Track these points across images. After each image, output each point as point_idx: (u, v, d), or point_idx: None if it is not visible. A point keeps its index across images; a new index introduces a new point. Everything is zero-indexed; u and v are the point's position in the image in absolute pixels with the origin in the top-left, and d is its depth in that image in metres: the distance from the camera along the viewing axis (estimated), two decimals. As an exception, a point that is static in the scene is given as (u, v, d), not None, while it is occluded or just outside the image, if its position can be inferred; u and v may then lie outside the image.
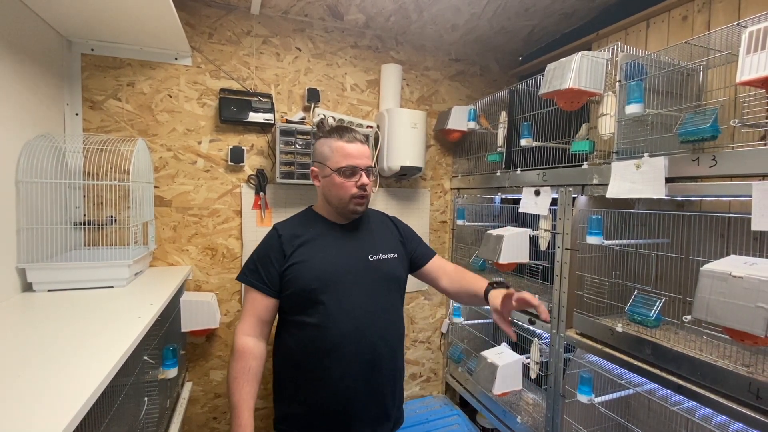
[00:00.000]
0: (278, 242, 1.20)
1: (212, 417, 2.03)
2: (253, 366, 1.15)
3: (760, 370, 0.99)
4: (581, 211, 1.50)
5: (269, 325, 1.23)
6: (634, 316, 1.30)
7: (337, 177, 1.18)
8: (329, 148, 1.21)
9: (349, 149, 1.18)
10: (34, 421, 0.64)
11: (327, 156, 1.21)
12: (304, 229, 1.24)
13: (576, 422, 1.48)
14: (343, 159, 1.18)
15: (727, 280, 0.92)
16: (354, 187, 1.18)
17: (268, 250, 1.21)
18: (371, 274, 1.22)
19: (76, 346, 0.92)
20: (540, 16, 2.04)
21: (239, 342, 1.16)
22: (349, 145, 1.19)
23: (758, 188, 0.95)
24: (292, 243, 1.20)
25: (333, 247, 1.22)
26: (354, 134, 1.21)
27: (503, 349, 1.73)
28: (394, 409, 1.27)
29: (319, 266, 1.18)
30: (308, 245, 1.20)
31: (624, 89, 1.30)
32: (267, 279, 1.18)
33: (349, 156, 1.18)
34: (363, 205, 1.23)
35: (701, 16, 1.51)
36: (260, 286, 1.19)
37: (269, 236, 1.25)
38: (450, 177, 2.49)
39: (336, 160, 1.18)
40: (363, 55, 2.23)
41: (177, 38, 1.72)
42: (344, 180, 1.18)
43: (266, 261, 1.20)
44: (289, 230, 1.24)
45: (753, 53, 0.92)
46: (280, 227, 1.26)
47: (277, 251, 1.19)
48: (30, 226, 1.36)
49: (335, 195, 1.21)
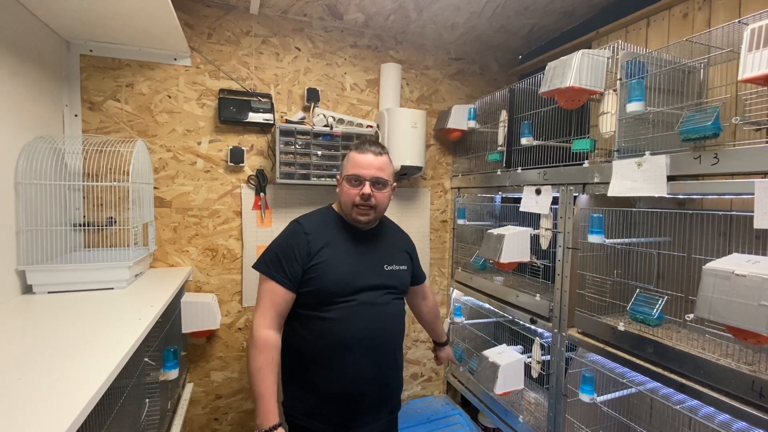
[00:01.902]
0: (304, 239, 1.22)
1: (213, 418, 2.03)
2: (276, 357, 1.18)
3: (763, 369, 0.99)
4: (582, 209, 1.50)
5: (284, 318, 1.25)
6: (635, 315, 1.29)
7: (345, 184, 1.25)
8: (347, 159, 1.28)
9: (359, 158, 1.24)
10: (36, 423, 0.64)
11: (344, 164, 1.30)
12: (328, 229, 1.27)
13: (578, 421, 1.48)
14: (351, 167, 1.24)
15: (730, 279, 0.91)
16: (357, 195, 1.22)
17: (293, 245, 1.22)
18: (386, 282, 1.29)
19: (77, 348, 0.92)
20: (540, 15, 2.03)
21: (261, 334, 1.17)
22: (359, 155, 1.24)
23: (760, 186, 0.95)
24: (317, 242, 1.22)
25: (354, 253, 1.26)
26: (369, 146, 1.26)
27: (505, 349, 1.73)
28: (397, 398, 1.36)
29: (341, 269, 1.22)
30: (332, 247, 1.23)
31: (625, 87, 1.30)
32: (290, 273, 1.20)
33: (357, 165, 1.23)
34: (366, 215, 1.25)
35: (702, 14, 1.50)
36: (283, 280, 1.19)
37: (293, 231, 1.26)
38: (450, 176, 2.48)
39: (347, 169, 1.26)
40: (362, 55, 2.23)
41: (176, 39, 1.71)
42: (350, 188, 1.23)
43: (290, 256, 1.21)
44: (314, 228, 1.25)
45: (755, 50, 0.92)
46: (306, 224, 1.27)
47: (302, 248, 1.21)
48: (29, 227, 1.36)
49: (343, 201, 1.28)
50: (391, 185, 1.29)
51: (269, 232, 2.06)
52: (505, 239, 1.63)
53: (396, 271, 1.33)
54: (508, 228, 1.73)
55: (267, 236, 2.06)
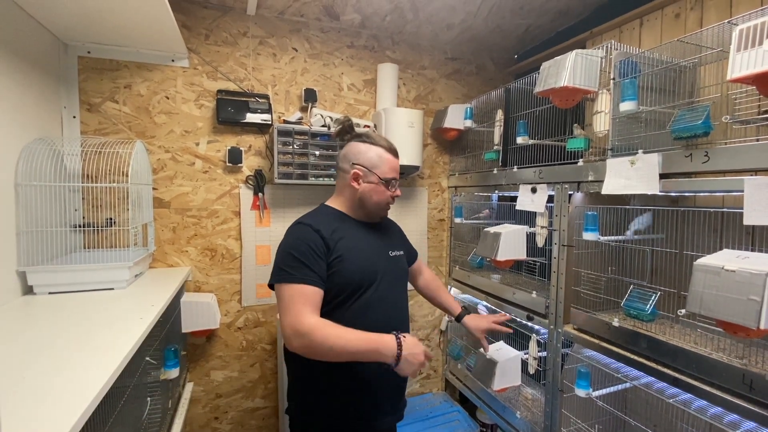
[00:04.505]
0: (318, 236, 1.20)
1: (213, 417, 2.04)
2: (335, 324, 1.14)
3: (753, 362, 1.01)
4: (577, 207, 1.52)
5: None
6: (630, 311, 1.31)
7: (381, 186, 1.28)
8: (378, 157, 1.27)
9: (393, 162, 1.30)
10: (39, 423, 0.65)
11: (375, 164, 1.27)
12: (336, 224, 1.27)
13: (574, 416, 1.50)
14: (390, 171, 1.28)
15: (720, 274, 0.93)
16: (391, 196, 1.30)
17: (311, 245, 1.19)
18: (393, 267, 1.32)
19: (78, 348, 0.93)
20: (535, 15, 2.05)
21: (309, 321, 1.10)
22: (393, 158, 1.30)
23: (750, 183, 0.97)
24: (332, 237, 1.22)
25: (364, 242, 1.29)
26: (393, 146, 1.32)
27: (502, 346, 1.75)
28: (404, 398, 1.36)
29: (359, 260, 1.23)
30: (346, 240, 1.24)
31: (618, 87, 1.32)
32: (318, 271, 1.17)
33: (393, 169, 1.29)
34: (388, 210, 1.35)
35: (694, 14, 1.52)
36: (311, 279, 1.16)
37: (305, 232, 1.22)
38: (447, 175, 2.50)
39: (384, 171, 1.27)
40: (359, 55, 2.24)
41: (173, 40, 1.72)
42: (385, 189, 1.29)
43: (312, 256, 1.18)
44: (324, 225, 1.24)
45: (743, 50, 0.94)
46: (314, 223, 1.24)
47: (321, 246, 1.19)
48: (30, 229, 1.37)
49: (375, 201, 1.29)
50: None
51: (268, 232, 2.08)
52: (501, 237, 1.65)
53: (398, 256, 1.37)
54: (504, 226, 1.75)
55: (265, 236, 2.07)
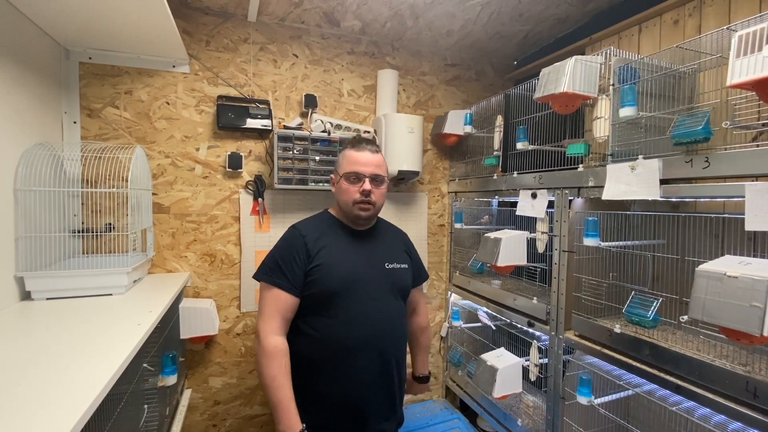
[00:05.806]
0: (302, 242, 1.22)
1: (212, 424, 2.02)
2: (288, 363, 1.17)
3: (757, 369, 1.00)
4: (578, 213, 1.51)
5: (289, 324, 1.24)
6: (631, 317, 1.30)
7: (344, 182, 1.26)
8: (342, 156, 1.30)
9: (356, 156, 1.26)
10: (36, 429, 0.64)
11: (339, 163, 1.30)
12: (325, 231, 1.28)
13: (576, 424, 1.48)
14: (349, 165, 1.25)
15: (722, 280, 0.93)
16: (357, 192, 1.24)
17: (292, 250, 1.22)
18: (387, 280, 1.29)
19: (75, 355, 0.92)
20: (534, 21, 2.06)
21: (270, 341, 1.15)
22: (357, 153, 1.26)
23: (751, 189, 0.97)
24: (315, 245, 1.23)
25: (353, 252, 1.27)
26: (365, 144, 1.29)
27: (503, 352, 1.74)
28: (399, 409, 1.34)
29: (341, 269, 1.22)
30: (331, 248, 1.24)
31: (617, 93, 1.32)
32: (292, 278, 1.20)
33: (356, 163, 1.25)
34: (367, 210, 1.27)
35: (692, 20, 1.53)
36: (286, 285, 1.19)
37: (291, 236, 1.27)
38: (447, 181, 2.50)
39: (344, 167, 1.27)
40: (359, 61, 2.25)
41: (174, 46, 1.73)
42: (349, 185, 1.25)
43: (290, 260, 1.21)
44: (311, 231, 1.26)
45: (743, 56, 0.94)
46: (302, 228, 1.28)
47: (302, 251, 1.21)
48: (28, 234, 1.36)
49: (342, 199, 1.28)
50: (386, 183, 1.32)
51: (267, 237, 2.07)
52: (501, 243, 1.65)
53: (397, 269, 1.33)
54: (504, 231, 1.74)
55: (265, 241, 2.06)
